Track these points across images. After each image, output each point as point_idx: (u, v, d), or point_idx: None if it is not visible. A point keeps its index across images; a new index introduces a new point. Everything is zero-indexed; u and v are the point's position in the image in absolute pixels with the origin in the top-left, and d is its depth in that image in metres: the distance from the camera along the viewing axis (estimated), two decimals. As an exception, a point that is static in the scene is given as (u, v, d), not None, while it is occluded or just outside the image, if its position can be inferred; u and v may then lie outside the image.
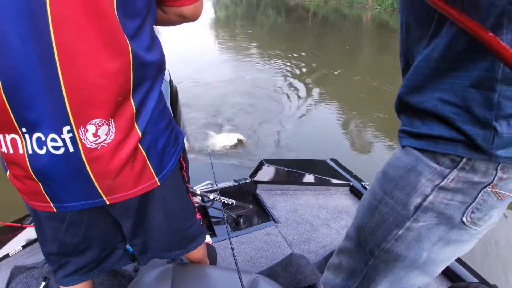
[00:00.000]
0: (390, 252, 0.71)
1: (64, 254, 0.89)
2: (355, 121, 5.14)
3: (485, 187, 0.58)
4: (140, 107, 0.72)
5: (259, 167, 2.28)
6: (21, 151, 0.68)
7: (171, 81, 2.07)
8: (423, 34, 0.59)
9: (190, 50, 9.57)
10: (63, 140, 0.65)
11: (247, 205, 2.05)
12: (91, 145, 0.67)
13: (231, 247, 1.19)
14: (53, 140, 0.65)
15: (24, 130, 0.65)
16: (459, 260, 1.50)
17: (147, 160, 0.77)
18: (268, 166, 2.26)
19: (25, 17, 0.55)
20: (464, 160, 0.58)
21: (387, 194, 0.69)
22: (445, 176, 0.60)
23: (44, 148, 0.66)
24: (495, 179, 0.57)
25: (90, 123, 0.65)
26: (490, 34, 0.45)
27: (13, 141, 0.67)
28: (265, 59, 8.60)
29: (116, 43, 0.62)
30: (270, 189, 2.29)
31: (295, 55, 8.80)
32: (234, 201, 1.95)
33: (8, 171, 0.76)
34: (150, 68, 0.71)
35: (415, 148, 0.63)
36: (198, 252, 1.12)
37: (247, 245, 1.81)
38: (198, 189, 2.02)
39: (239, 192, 2.17)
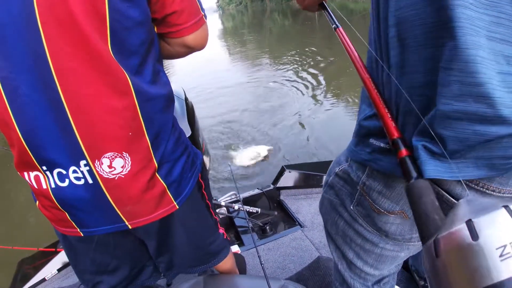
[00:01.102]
0: (320, 209, 0.91)
1: (96, 273, 0.93)
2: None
3: (357, 185, 0.68)
4: (155, 140, 0.75)
5: (280, 173, 2.30)
6: (44, 186, 0.73)
7: (186, 99, 2.12)
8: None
9: (200, 62, 9.71)
10: (82, 173, 0.70)
11: (272, 212, 2.07)
12: (108, 175, 0.71)
13: (258, 255, 1.21)
14: (75, 171, 0.70)
15: (44, 168, 0.70)
16: None
17: (166, 187, 0.80)
18: (289, 172, 2.28)
19: (32, 68, 0.60)
20: None
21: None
22: (340, 165, 0.76)
23: (67, 180, 0.71)
24: (361, 181, 0.67)
25: (104, 157, 0.69)
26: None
27: (37, 177, 0.73)
28: (276, 65, 8.61)
29: (117, 82, 0.64)
30: (294, 194, 2.30)
31: (306, 58, 8.78)
32: (259, 209, 1.97)
33: (37, 201, 0.81)
34: (157, 102, 0.73)
35: None
36: (226, 263, 1.14)
37: (275, 251, 1.83)
38: (222, 200, 2.06)
39: (263, 200, 2.20)
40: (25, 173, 0.74)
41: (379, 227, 0.69)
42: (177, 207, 0.84)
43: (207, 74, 8.15)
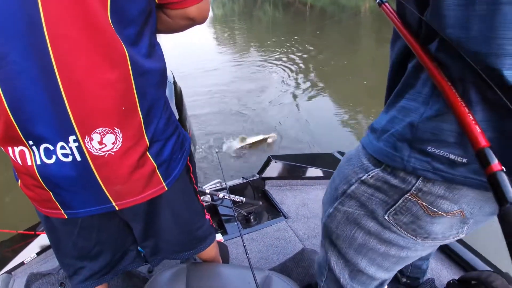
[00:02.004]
0: (326, 226, 0.83)
1: (78, 258, 0.90)
2: (358, 112, 5.13)
3: (405, 193, 0.61)
4: (147, 117, 0.72)
5: (266, 163, 2.28)
6: (29, 163, 0.69)
7: (175, 82, 2.06)
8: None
9: (190, 47, 9.58)
10: (70, 149, 0.67)
11: (256, 202, 2.06)
12: (97, 152, 0.68)
13: (244, 245, 1.19)
14: (63, 147, 0.67)
15: (31, 142, 0.66)
16: (471, 249, 1.50)
17: (156, 167, 0.78)
18: (275, 162, 2.26)
19: (24, 33, 0.56)
20: None
21: (333, 177, 0.80)
22: (367, 172, 0.66)
23: (54, 157, 0.67)
24: (414, 188, 0.59)
25: (94, 132, 0.66)
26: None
27: (22, 153, 0.69)
28: (262, 57, 8.59)
29: (113, 53, 0.61)
30: (279, 185, 2.30)
31: (295, 50, 8.76)
32: (244, 199, 1.96)
33: (19, 180, 0.77)
34: (152, 76, 0.71)
35: (361, 144, 0.70)
36: (210, 252, 1.14)
37: (259, 241, 1.82)
38: (207, 188, 2.03)
39: (248, 189, 2.18)
40: (9, 148, 0.69)
41: (422, 230, 0.64)
42: (166, 188, 0.82)
43: (193, 58, 8.02)
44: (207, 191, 1.95)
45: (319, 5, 22.23)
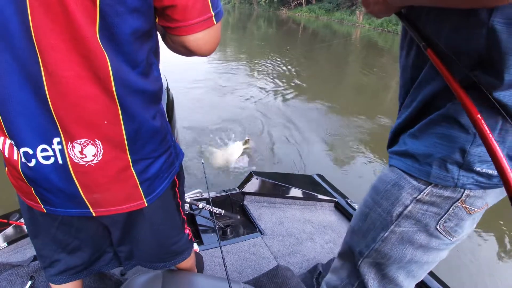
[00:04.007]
0: (378, 251, 0.86)
1: (55, 251, 0.90)
2: (343, 133, 5.25)
3: (456, 202, 0.73)
4: (135, 135, 0.71)
5: (248, 179, 2.32)
6: (15, 157, 0.70)
7: (168, 89, 2.10)
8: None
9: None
10: (53, 151, 0.67)
11: (235, 215, 2.08)
12: (78, 160, 0.68)
13: (222, 256, 1.22)
14: (44, 150, 0.67)
15: (13, 142, 0.67)
16: (431, 273, 1.56)
17: (138, 183, 0.77)
18: (256, 178, 2.30)
19: (16, 36, 0.56)
20: None
21: (376, 203, 0.85)
22: (421, 191, 0.75)
23: (33, 160, 0.68)
24: (463, 195, 0.72)
25: (76, 142, 0.66)
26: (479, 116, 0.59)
27: (10, 146, 0.70)
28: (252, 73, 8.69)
29: (97, 67, 0.60)
30: (258, 201, 2.34)
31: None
32: (223, 211, 1.98)
33: (7, 168, 0.78)
34: (141, 96, 0.69)
35: (399, 168, 0.79)
36: (187, 262, 1.14)
37: (234, 255, 1.85)
38: (187, 197, 2.05)
39: (227, 202, 2.21)
40: (1, 138, 0.70)
41: (460, 229, 0.77)
42: (146, 204, 0.81)
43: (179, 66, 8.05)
44: (188, 200, 1.96)
45: (312, 27, 22.69)
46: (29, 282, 1.41)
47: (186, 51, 0.74)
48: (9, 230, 1.74)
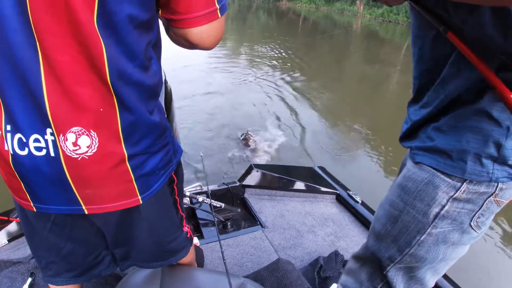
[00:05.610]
0: (413, 255, 0.83)
1: (49, 254, 0.88)
2: (344, 124, 5.23)
3: (490, 196, 0.72)
4: (131, 127, 0.69)
5: (248, 172, 2.30)
6: (5, 147, 0.67)
7: (166, 81, 2.07)
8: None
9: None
10: (46, 142, 0.65)
11: (235, 208, 2.07)
12: (71, 153, 0.66)
13: (221, 251, 1.21)
14: (36, 140, 0.65)
15: (8, 128, 0.65)
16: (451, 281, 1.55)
17: (133, 179, 0.74)
18: (257, 171, 2.29)
19: (16, 20, 0.56)
20: None
21: (408, 204, 0.81)
22: (457, 189, 0.73)
23: (26, 149, 0.66)
24: (497, 189, 0.71)
25: (70, 131, 0.64)
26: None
27: (1, 137, 0.67)
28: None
29: (93, 54, 0.58)
30: (258, 194, 2.32)
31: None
32: (223, 204, 1.97)
33: None
34: (138, 89, 0.67)
35: (430, 166, 0.76)
36: (187, 258, 1.11)
37: (234, 248, 1.84)
38: (187, 191, 2.03)
39: (228, 195, 2.19)
40: None
41: (488, 221, 0.78)
42: (141, 202, 0.78)
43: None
44: (187, 193, 1.95)
45: (312, 18, 22.53)
46: (30, 279, 1.40)
47: (189, 44, 0.72)
48: (10, 227, 1.73)
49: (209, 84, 6.70)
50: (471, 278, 2.41)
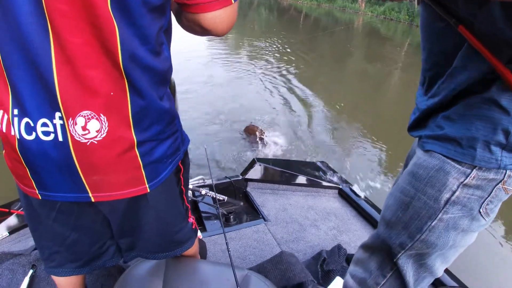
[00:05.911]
0: (424, 241, 0.84)
1: (54, 244, 0.87)
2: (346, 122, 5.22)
3: (498, 183, 0.74)
4: (141, 112, 0.69)
5: (251, 165, 2.30)
6: (12, 132, 0.67)
7: None
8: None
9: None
10: (54, 126, 0.64)
11: (238, 202, 2.07)
12: (79, 138, 0.65)
13: (226, 242, 1.20)
14: (44, 124, 0.64)
15: (15, 112, 0.64)
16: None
17: (141, 166, 0.74)
18: (259, 165, 2.29)
19: (31, 5, 0.55)
20: None
21: (419, 191, 0.82)
22: (467, 175, 0.74)
23: (33, 133, 0.65)
24: (505, 176, 0.73)
25: (79, 115, 0.63)
26: None
27: (8, 122, 0.66)
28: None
29: (106, 37, 0.59)
30: (261, 188, 2.32)
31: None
32: (226, 197, 1.97)
33: (4, 150, 0.74)
34: (150, 74, 0.67)
35: (440, 153, 0.78)
36: (191, 250, 1.11)
37: (237, 241, 1.83)
38: (190, 183, 2.03)
39: (230, 189, 2.19)
40: (1, 111, 0.67)
41: (497, 208, 0.79)
42: (148, 190, 0.78)
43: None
44: (190, 186, 1.94)
45: (313, 14, 22.46)
46: (31, 271, 1.40)
47: (202, 30, 0.72)
48: (11, 219, 1.73)
49: (211, 76, 6.73)
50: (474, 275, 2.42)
